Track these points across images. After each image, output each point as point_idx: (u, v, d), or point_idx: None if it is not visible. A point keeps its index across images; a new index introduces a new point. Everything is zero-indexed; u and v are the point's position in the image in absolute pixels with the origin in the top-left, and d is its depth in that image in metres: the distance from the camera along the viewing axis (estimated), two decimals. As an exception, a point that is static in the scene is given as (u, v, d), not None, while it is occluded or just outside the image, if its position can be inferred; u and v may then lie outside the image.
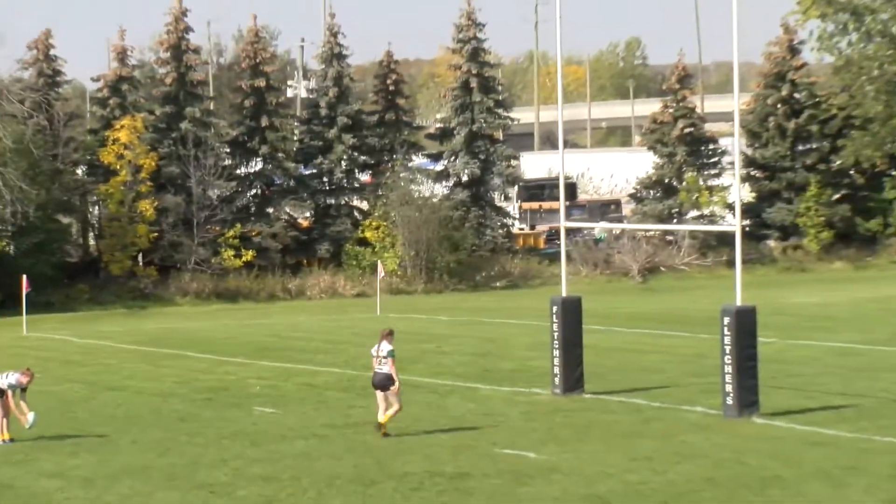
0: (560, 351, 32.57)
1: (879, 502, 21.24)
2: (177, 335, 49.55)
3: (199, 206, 66.14)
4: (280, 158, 69.72)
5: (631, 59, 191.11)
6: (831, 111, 73.55)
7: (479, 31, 72.61)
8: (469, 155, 71.97)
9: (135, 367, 40.47)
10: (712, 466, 24.06)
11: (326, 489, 22.98)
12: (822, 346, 40.83)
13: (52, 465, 25.58)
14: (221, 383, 36.31)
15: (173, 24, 68.54)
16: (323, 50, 72.60)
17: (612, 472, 23.76)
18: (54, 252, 64.17)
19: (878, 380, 33.76)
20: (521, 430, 28.06)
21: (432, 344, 44.33)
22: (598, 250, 72.13)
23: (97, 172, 66.80)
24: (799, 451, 25.15)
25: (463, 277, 67.57)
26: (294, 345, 45.31)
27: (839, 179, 75.39)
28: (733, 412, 28.71)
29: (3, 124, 60.91)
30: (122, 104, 67.55)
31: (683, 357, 39.29)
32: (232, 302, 63.75)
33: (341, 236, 69.19)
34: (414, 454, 25.76)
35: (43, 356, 43.19)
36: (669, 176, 74.54)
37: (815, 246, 72.91)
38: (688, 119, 74.52)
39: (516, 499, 22.05)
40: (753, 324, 29.04)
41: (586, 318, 33.77)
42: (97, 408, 32.63)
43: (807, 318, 48.63)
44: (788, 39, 75.71)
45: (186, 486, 23.48)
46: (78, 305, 61.87)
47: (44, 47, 67.97)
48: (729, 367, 28.78)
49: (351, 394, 33.88)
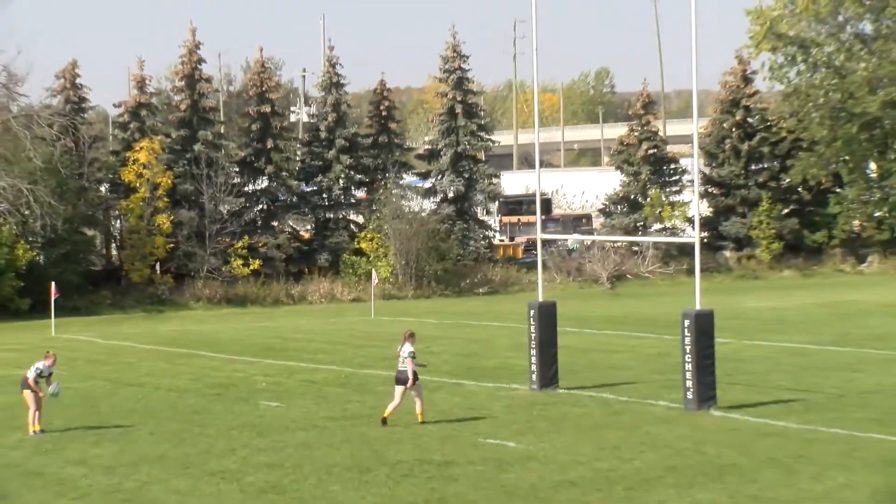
0: (537, 350, 32.58)
1: (826, 488, 21.24)
2: (191, 336, 49.47)
3: (211, 219, 66.05)
4: (284, 177, 69.66)
5: (600, 88, 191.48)
6: (781, 134, 73.67)
7: (464, 63, 72.68)
8: (454, 174, 71.99)
9: (153, 365, 40.41)
10: (674, 455, 24.05)
11: (326, 476, 22.94)
12: (773, 347, 40.88)
13: (77, 454, 25.52)
14: (231, 380, 36.25)
15: (187, 56, 68.49)
16: (322, 79, 72.61)
17: (584, 461, 23.75)
18: (80, 261, 64.12)
19: (824, 377, 33.79)
20: (502, 422, 28.03)
21: (421, 344, 44.08)
22: (570, 260, 72.14)
23: (119, 190, 66.71)
24: (753, 442, 25.14)
25: (449, 284, 67.54)
26: (296, 345, 45.27)
27: (788, 196, 75.52)
28: (693, 406, 28.71)
29: (34, 146, 60.78)
30: (142, 128, 67.52)
31: (648, 356, 39.32)
32: (240, 306, 63.67)
33: (339, 247, 69.14)
34: (405, 444, 25.73)
35: (70, 356, 43.05)
36: (635, 192, 74.60)
37: (767, 256, 73.03)
38: (651, 141, 74.62)
39: (498, 484, 22.01)
40: (711, 326, 29.08)
41: (560, 321, 33.82)
42: (118, 402, 32.56)
43: (759, 322, 48.68)
44: (742, 69, 75.86)
45: (199, 473, 23.44)
46: (101, 310, 61.74)
47: (70, 77, 67.89)
48: (689, 365, 28.80)
49: (348, 389, 33.83)
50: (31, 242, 61.40)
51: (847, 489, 21.12)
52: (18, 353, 44.92)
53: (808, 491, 21.04)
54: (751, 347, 40.55)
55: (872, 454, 23.71)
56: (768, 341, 42.18)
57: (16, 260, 59.43)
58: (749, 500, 20.51)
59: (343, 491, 21.82)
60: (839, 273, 72.71)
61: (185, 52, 68.57)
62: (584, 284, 69.29)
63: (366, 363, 39.22)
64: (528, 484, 21.95)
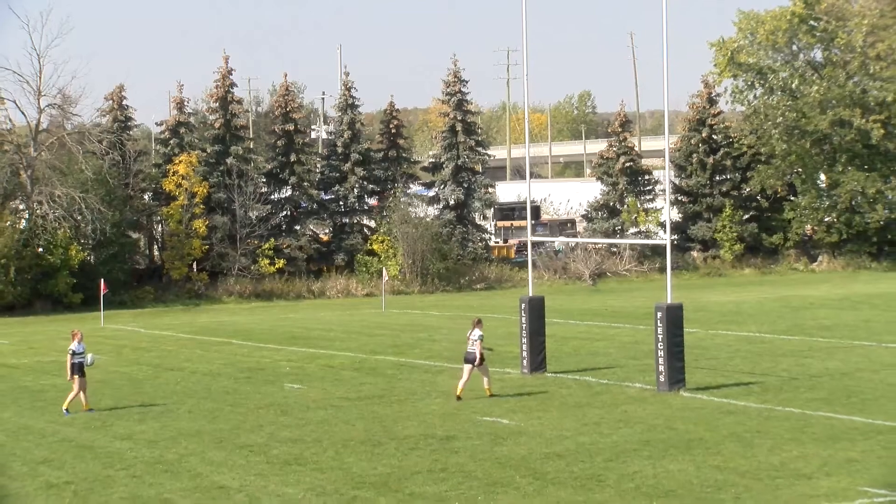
0: (527, 339, 32.58)
1: (781, 459, 21.26)
2: (224, 327, 49.49)
3: (241, 224, 66.04)
4: (305, 186, 69.61)
5: (583, 108, 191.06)
6: (742, 149, 73.73)
7: (463, 87, 72.64)
8: (455, 184, 71.95)
9: (190, 352, 40.42)
10: (648, 430, 24.06)
11: (342, 448, 22.97)
12: (734, 335, 40.86)
13: (123, 430, 25.54)
14: (259, 365, 36.27)
15: (221, 81, 68.46)
16: (339, 101, 72.55)
17: (568, 435, 23.76)
18: (126, 261, 64.09)
19: (778, 362, 33.79)
20: (496, 402, 28.03)
21: (426, 333, 44.31)
22: (557, 259, 72.09)
23: (160, 198, 66.68)
24: (716, 419, 25.16)
25: (450, 281, 67.47)
26: (316, 334, 45.26)
27: (748, 203, 75.51)
28: (664, 387, 28.73)
29: (86, 160, 60.85)
30: (181, 144, 67.47)
31: (624, 344, 39.29)
32: (267, 300, 63.63)
33: (354, 248, 69.11)
34: (411, 420, 25.75)
35: (117, 344, 43.13)
36: (613, 200, 74.58)
37: (729, 256, 73.00)
38: (628, 155, 74.58)
39: (493, 456, 22.03)
40: (680, 318, 29.10)
41: (548, 314, 33.78)
42: (160, 384, 32.59)
43: (722, 314, 48.64)
44: (708, 93, 75.84)
45: (231, 447, 23.46)
46: (145, 303, 61.73)
47: (118, 99, 67.88)
48: (661, 351, 28.81)
49: (362, 373, 33.82)
50: (83, 244, 61.39)
51: (800, 460, 21.14)
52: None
53: (765, 462, 21.07)
54: (714, 336, 40.52)
55: (821, 430, 23.72)
56: (730, 331, 42.15)
57: (70, 259, 59.46)
58: (713, 470, 20.54)
59: (357, 462, 21.85)
60: (793, 271, 72.66)
61: (219, 77, 68.55)
62: (569, 281, 69.25)
63: (377, 350, 39.23)
64: (520, 456, 21.98)
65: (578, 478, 20.25)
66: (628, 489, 19.43)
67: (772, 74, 71.90)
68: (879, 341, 37.76)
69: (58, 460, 22.68)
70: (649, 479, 20.05)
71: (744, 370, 32.39)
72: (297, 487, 20.06)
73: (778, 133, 70.40)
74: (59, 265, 59.22)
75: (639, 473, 20.41)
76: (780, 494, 18.91)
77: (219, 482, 20.59)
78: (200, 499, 19.54)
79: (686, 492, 19.19)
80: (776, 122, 70.46)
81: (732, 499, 18.74)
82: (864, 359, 33.82)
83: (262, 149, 74.09)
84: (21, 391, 31.80)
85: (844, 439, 22.75)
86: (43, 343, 44.19)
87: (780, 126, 70.42)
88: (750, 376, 31.14)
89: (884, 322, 43.34)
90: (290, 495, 19.57)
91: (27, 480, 21.14)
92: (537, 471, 20.78)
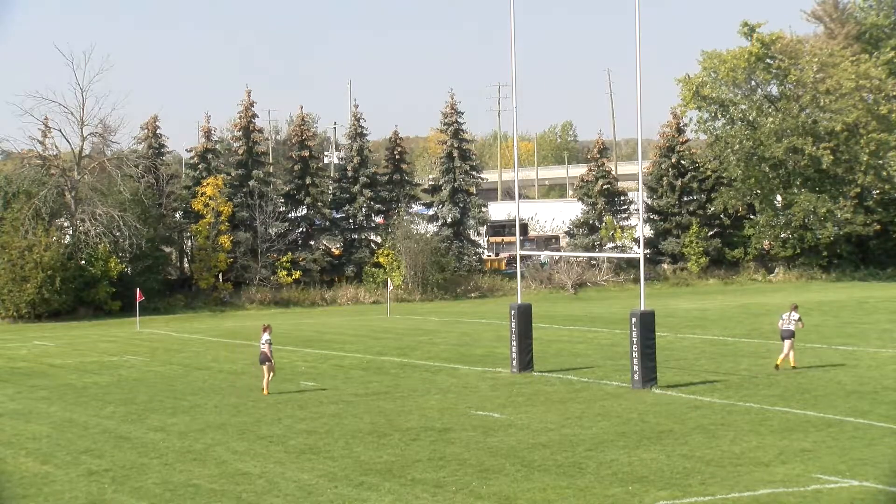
0: (516, 341, 32.57)
1: (742, 449, 21.24)
2: (246, 331, 49.45)
3: (262, 239, 66.06)
4: (319, 206, 69.59)
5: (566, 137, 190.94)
6: (706, 173, 73.73)
7: (459, 117, 72.64)
8: (452, 204, 71.93)
9: (217, 353, 40.41)
10: (623, 423, 24.04)
11: (351, 439, 22.94)
12: (700, 339, 40.85)
13: (157, 422, 25.52)
14: (278, 364, 36.04)
15: (244, 112, 68.51)
16: (349, 130, 72.63)
17: (553, 427, 23.74)
18: (159, 272, 64.10)
19: (739, 362, 33.78)
20: (489, 398, 28.02)
21: (426, 337, 44.28)
22: (543, 271, 72.04)
23: (190, 216, 66.66)
24: (684, 413, 25.14)
25: (448, 290, 67.46)
26: (329, 337, 45.25)
27: (712, 221, 75.42)
28: (638, 385, 28.72)
29: (124, 182, 60.90)
30: (208, 168, 67.54)
31: (602, 346, 39.29)
32: (285, 307, 63.63)
33: (362, 261, 69.09)
34: (413, 414, 25.73)
35: (152, 346, 43.10)
36: (593, 219, 74.55)
37: (696, 268, 72.96)
38: (605, 179, 74.57)
39: (486, 446, 22.00)
40: (652, 323, 29.10)
41: (534, 319, 33.78)
42: (190, 382, 32.56)
43: (689, 319, 48.63)
44: (676, 123, 75.83)
45: (253, 438, 23.43)
46: (176, 310, 61.72)
47: (152, 128, 67.93)
48: (635, 353, 28.81)
49: (369, 372, 33.80)
50: (120, 257, 61.38)
51: (759, 450, 21.12)
52: (112, 343, 44.93)
53: (727, 451, 21.05)
54: (682, 339, 40.51)
55: (778, 423, 23.71)
56: (696, 335, 42.14)
57: (109, 271, 59.49)
58: (682, 459, 20.51)
59: (365, 451, 21.81)
60: (752, 282, 72.60)
61: (242, 109, 68.60)
62: (553, 290, 69.24)
63: (383, 351, 39.20)
64: (509, 446, 21.95)
65: (562, 465, 20.22)
66: (606, 475, 19.41)
67: (732, 107, 71.99)
68: (829, 344, 37.75)
69: (98, 450, 22.64)
70: (625, 466, 20.02)
71: (709, 369, 32.37)
72: (312, 474, 20.02)
73: (735, 159, 70.51)
74: (99, 276, 59.23)
75: (615, 461, 20.38)
76: (741, 480, 18.89)
77: (242, 469, 20.55)
78: (225, 484, 19.50)
79: (657, 478, 19.17)
80: (734, 150, 70.55)
81: (699, 484, 18.72)
82: (816, 359, 33.79)
83: (281, 172, 74.10)
84: (66, 388, 31.78)
85: (799, 431, 22.73)
86: (86, 345, 44.17)
87: (738, 153, 70.50)
88: (714, 375, 31.13)
89: (833, 326, 43.31)
90: (305, 480, 19.54)
91: (71, 468, 21.10)
92: (525, 459, 20.75)
